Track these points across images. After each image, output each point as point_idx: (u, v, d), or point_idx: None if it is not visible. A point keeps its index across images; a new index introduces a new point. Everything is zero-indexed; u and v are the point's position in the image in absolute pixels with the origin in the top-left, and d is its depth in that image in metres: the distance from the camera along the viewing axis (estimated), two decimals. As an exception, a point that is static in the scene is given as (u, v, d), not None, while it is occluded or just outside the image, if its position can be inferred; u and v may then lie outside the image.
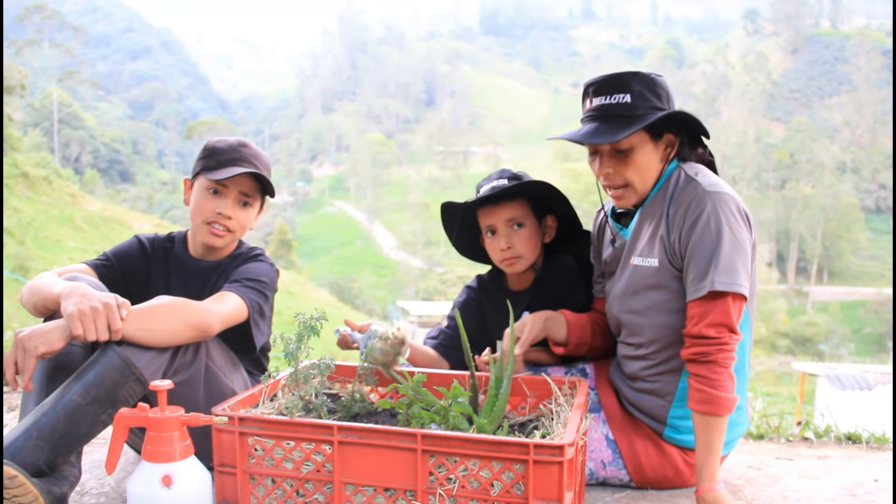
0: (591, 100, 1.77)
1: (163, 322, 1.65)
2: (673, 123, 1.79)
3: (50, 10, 59.96)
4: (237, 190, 1.96)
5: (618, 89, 1.72)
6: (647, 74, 1.76)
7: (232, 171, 1.90)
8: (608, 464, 1.88)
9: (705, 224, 1.65)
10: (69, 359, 1.67)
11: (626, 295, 1.84)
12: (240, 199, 1.97)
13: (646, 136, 1.76)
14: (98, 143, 62.85)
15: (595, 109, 1.75)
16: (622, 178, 1.78)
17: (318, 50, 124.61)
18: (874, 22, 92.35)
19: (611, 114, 1.73)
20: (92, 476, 1.97)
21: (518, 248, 2.06)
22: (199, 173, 1.97)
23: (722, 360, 1.60)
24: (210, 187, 1.95)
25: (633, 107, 1.72)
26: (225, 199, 1.95)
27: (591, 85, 1.78)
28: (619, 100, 1.72)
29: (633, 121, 1.70)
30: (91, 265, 1.97)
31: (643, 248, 1.80)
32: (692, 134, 1.84)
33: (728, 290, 1.60)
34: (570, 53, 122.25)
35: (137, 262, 2.03)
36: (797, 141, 61.76)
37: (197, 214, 1.96)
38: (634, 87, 1.72)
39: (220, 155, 1.95)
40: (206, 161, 1.96)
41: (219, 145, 1.98)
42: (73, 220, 24.00)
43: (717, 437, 1.61)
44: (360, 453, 1.45)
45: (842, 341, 38.47)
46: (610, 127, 1.71)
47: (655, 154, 1.78)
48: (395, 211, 67.70)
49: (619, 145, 1.75)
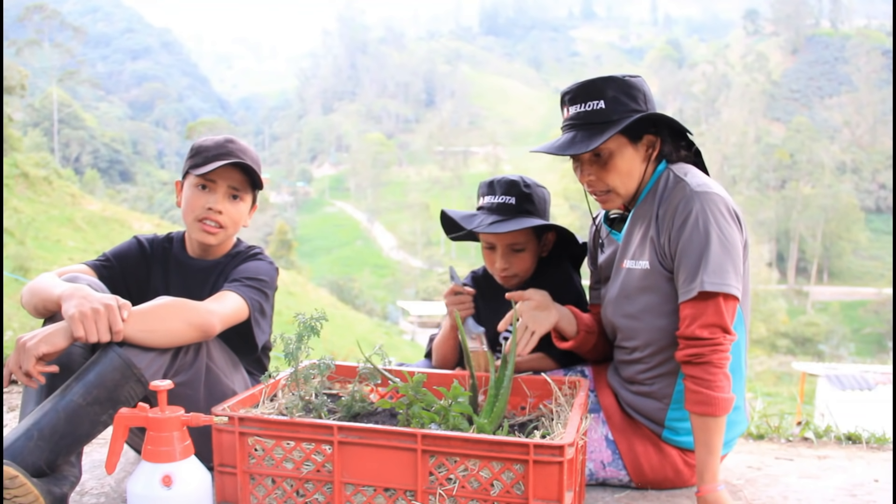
0: (568, 108, 1.77)
1: (164, 323, 1.65)
2: (651, 123, 1.78)
3: (50, 10, 59.92)
4: (226, 184, 1.95)
5: (592, 96, 1.72)
6: (622, 78, 1.75)
7: (217, 164, 1.90)
8: (608, 464, 1.88)
9: (693, 225, 1.65)
10: (70, 359, 1.67)
11: (619, 299, 1.84)
12: (229, 193, 1.96)
13: (623, 139, 1.75)
14: (98, 143, 62.87)
15: (572, 118, 1.76)
16: (604, 183, 1.78)
17: (318, 50, 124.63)
18: (874, 22, 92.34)
19: (587, 121, 1.73)
20: (92, 476, 1.97)
21: (514, 269, 2.06)
22: (188, 172, 1.97)
23: (717, 360, 1.60)
24: (198, 184, 1.95)
25: (608, 112, 1.71)
26: (214, 193, 1.94)
27: (566, 94, 1.78)
28: (593, 106, 1.72)
29: (608, 126, 1.70)
30: (91, 266, 1.97)
31: (634, 251, 1.80)
32: (674, 131, 1.83)
33: (718, 290, 1.60)
34: (570, 53, 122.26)
35: (137, 262, 2.03)
36: (797, 141, 61.76)
37: (188, 212, 1.96)
38: (608, 92, 1.72)
39: (206, 152, 1.95)
40: (193, 160, 1.96)
41: (205, 143, 1.98)
42: (73, 220, 24.00)
43: (716, 438, 1.61)
44: (360, 453, 1.45)
45: (842, 341, 38.48)
46: (586, 135, 1.71)
47: (636, 157, 1.78)
48: (395, 211, 67.71)
49: (597, 150, 1.74)
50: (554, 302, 1.89)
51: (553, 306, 1.88)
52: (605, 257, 1.93)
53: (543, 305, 1.86)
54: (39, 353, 1.54)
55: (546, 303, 1.87)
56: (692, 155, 1.87)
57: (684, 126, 1.82)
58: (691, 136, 1.86)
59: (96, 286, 1.78)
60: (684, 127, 1.81)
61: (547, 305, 1.87)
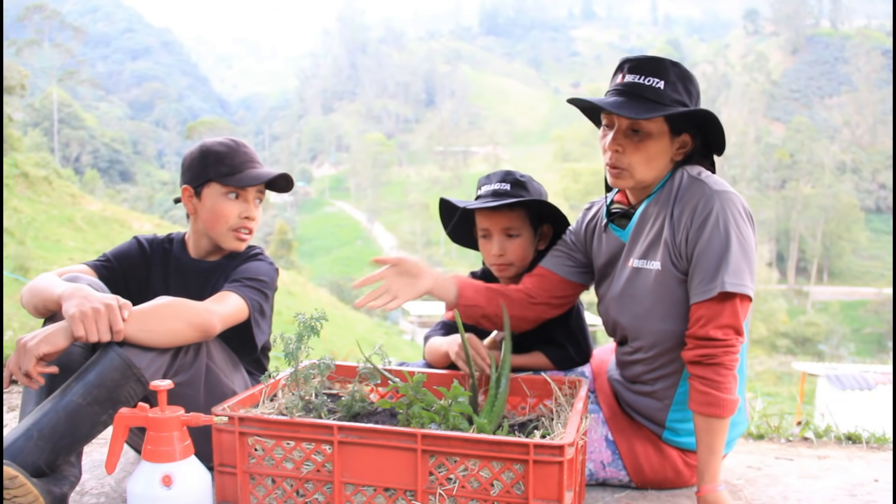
0: (625, 76, 1.71)
1: (164, 323, 1.65)
2: (694, 125, 1.75)
3: (50, 10, 59.94)
4: (255, 190, 1.98)
5: (654, 73, 1.68)
6: (685, 68, 1.72)
7: (257, 179, 1.93)
8: (608, 465, 1.87)
9: (714, 225, 1.62)
10: (69, 359, 1.67)
11: (624, 298, 1.80)
12: (257, 198, 2.00)
13: (665, 127, 1.72)
14: (98, 143, 62.87)
15: (625, 85, 1.70)
16: (628, 159, 1.73)
17: (318, 50, 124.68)
18: (874, 22, 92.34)
19: (640, 93, 1.68)
20: (92, 476, 1.97)
21: (510, 255, 2.05)
22: (212, 181, 1.95)
23: (728, 362, 1.59)
24: (228, 192, 1.95)
25: (664, 94, 1.67)
26: (246, 202, 1.97)
27: (628, 61, 1.73)
28: (652, 83, 1.67)
29: (659, 107, 1.66)
30: (91, 266, 1.97)
31: (644, 251, 1.76)
32: (705, 143, 1.80)
33: (738, 291, 1.58)
34: (570, 53, 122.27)
35: (137, 262, 2.03)
36: (797, 141, 61.77)
37: (220, 223, 1.95)
38: (671, 75, 1.68)
39: (229, 159, 1.95)
40: (216, 168, 1.94)
41: (222, 150, 1.97)
42: (73, 220, 24.00)
43: (720, 439, 1.60)
44: (360, 453, 1.45)
45: (842, 341, 38.49)
46: (636, 105, 1.66)
47: (668, 150, 1.74)
48: (395, 211, 67.71)
49: (638, 125, 1.70)
50: (430, 271, 1.83)
51: (425, 275, 1.82)
52: (605, 252, 1.89)
53: (412, 272, 1.81)
54: (40, 354, 1.54)
55: (415, 270, 1.81)
56: (709, 165, 1.84)
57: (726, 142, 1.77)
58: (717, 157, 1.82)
59: (97, 286, 1.78)
60: (724, 142, 1.76)
61: (416, 273, 1.81)
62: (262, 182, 1.94)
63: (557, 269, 1.95)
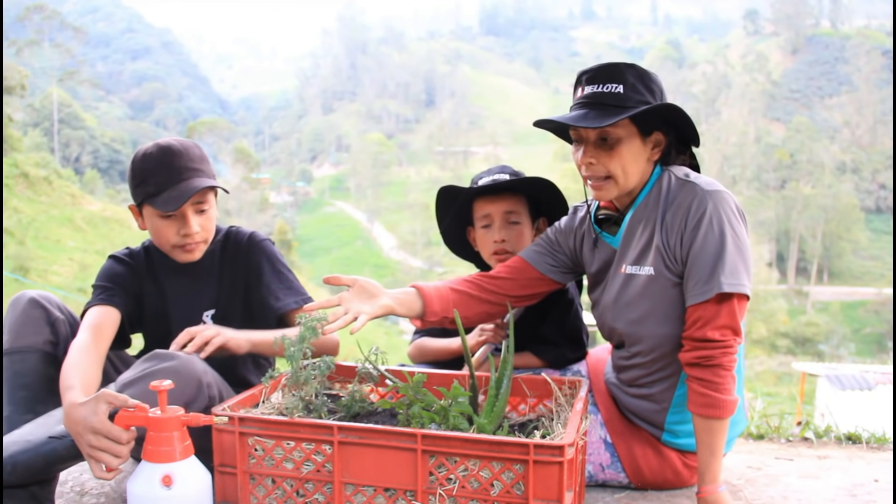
0: (584, 88, 1.73)
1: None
2: (663, 122, 1.75)
3: (50, 10, 59.93)
4: (189, 204, 1.84)
5: (611, 79, 1.69)
6: (642, 68, 1.72)
7: (179, 200, 1.79)
8: (607, 467, 1.87)
9: (708, 225, 1.62)
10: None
11: (619, 304, 1.79)
12: (195, 210, 1.87)
13: (634, 129, 1.71)
14: (98, 143, 62.82)
15: (586, 97, 1.71)
16: (605, 169, 1.72)
17: (318, 50, 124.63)
18: (874, 22, 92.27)
19: (601, 102, 1.68)
20: (92, 476, 1.97)
21: (511, 243, 2.05)
22: (144, 202, 1.85)
23: (726, 363, 1.58)
24: (161, 215, 1.85)
25: (625, 97, 1.67)
26: (181, 219, 1.85)
27: (585, 73, 1.74)
28: (611, 89, 1.68)
29: (622, 110, 1.66)
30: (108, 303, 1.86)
31: (636, 257, 1.75)
32: (680, 138, 1.80)
33: (735, 291, 1.58)
34: (570, 54, 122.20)
35: (128, 278, 1.96)
36: (797, 141, 61.71)
37: (163, 242, 1.89)
38: (628, 78, 1.69)
39: (154, 177, 1.82)
40: (144, 188, 1.84)
41: (147, 166, 1.83)
42: (73, 220, 24.01)
43: (720, 440, 1.60)
44: (360, 453, 1.45)
45: (842, 341, 38.45)
46: (599, 114, 1.67)
47: (642, 151, 1.74)
48: (395, 211, 67.66)
49: (605, 133, 1.70)
50: (387, 291, 1.78)
51: (382, 294, 1.76)
52: (597, 259, 1.87)
53: (371, 292, 1.75)
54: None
55: (374, 290, 1.76)
56: (688, 158, 1.84)
57: (697, 131, 1.77)
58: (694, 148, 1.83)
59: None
60: (696, 132, 1.77)
61: (374, 292, 1.75)
62: (186, 201, 1.79)
63: (538, 264, 1.93)
